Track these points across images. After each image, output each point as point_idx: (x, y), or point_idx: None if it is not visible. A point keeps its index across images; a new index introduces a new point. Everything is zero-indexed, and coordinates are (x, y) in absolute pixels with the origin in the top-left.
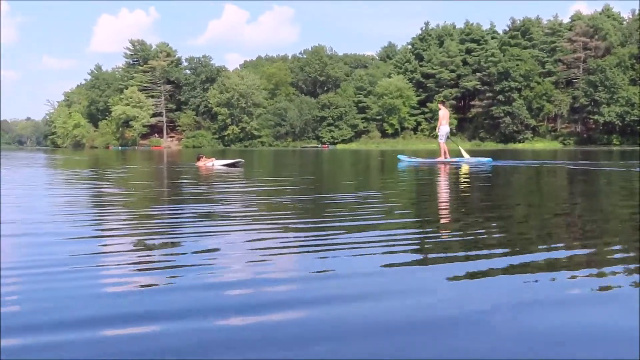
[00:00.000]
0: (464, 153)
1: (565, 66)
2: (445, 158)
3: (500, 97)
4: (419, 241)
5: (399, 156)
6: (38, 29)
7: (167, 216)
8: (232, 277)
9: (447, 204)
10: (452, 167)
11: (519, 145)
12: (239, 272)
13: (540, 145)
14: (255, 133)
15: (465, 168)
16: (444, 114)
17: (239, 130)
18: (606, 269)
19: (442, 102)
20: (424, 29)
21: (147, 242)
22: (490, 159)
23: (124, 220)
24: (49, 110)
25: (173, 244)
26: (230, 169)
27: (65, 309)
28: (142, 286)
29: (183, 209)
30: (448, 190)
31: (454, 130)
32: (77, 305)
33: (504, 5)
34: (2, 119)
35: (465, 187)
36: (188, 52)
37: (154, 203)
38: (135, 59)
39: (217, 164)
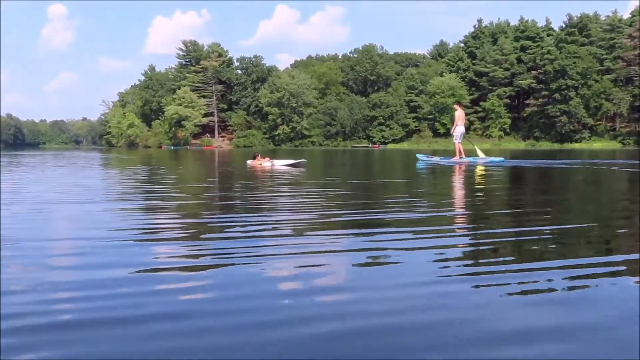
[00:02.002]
0: (479, 152)
1: (625, 63)
2: (461, 157)
3: (557, 95)
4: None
5: (417, 155)
6: (95, 31)
7: (227, 228)
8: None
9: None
10: (467, 167)
11: (576, 145)
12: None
13: (598, 145)
14: (306, 133)
15: (479, 168)
16: (460, 114)
17: (290, 130)
18: None
19: (458, 103)
20: (477, 26)
21: (207, 266)
22: (502, 158)
23: (182, 234)
24: (104, 111)
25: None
26: (292, 169)
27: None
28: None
29: (246, 219)
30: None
31: (508, 130)
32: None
33: (560, 2)
34: (59, 120)
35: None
36: (239, 52)
37: (214, 211)
38: (187, 60)
39: (278, 164)
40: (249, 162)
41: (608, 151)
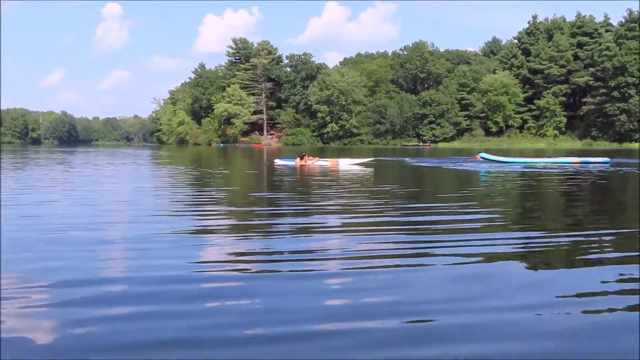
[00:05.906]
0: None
1: None
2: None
3: (615, 93)
4: None
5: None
6: (148, 30)
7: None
8: None
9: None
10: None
11: (635, 145)
12: None
13: None
14: (355, 131)
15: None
16: None
17: (338, 128)
18: None
19: None
20: (531, 22)
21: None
22: (608, 159)
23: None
24: (155, 108)
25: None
26: (360, 168)
27: None
28: None
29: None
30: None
31: (564, 129)
32: None
33: None
34: (111, 117)
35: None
36: (289, 50)
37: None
38: (237, 57)
39: (344, 164)
40: (277, 160)
41: None
